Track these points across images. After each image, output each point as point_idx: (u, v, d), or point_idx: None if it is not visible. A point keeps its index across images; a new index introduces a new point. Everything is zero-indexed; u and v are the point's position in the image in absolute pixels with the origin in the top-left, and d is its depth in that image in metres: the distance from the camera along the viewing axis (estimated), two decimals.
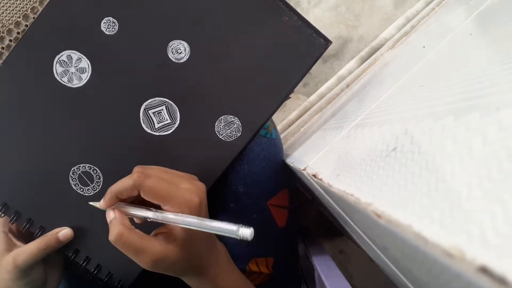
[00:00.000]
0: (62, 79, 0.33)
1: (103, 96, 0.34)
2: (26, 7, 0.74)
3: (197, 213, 0.26)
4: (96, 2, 0.33)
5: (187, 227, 0.26)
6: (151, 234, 0.29)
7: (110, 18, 0.33)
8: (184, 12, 0.34)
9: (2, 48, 0.75)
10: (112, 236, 0.26)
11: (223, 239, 0.35)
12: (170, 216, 0.26)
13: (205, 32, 0.34)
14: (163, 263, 0.26)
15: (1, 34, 0.74)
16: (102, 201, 0.28)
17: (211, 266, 0.31)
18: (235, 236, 0.24)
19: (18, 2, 0.74)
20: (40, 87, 0.33)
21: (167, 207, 0.27)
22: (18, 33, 0.74)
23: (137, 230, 0.26)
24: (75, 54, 0.33)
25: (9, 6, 0.74)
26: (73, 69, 0.33)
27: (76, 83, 0.33)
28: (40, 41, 0.33)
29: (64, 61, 0.33)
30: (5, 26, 0.74)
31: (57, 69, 0.33)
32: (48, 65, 0.33)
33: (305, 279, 0.47)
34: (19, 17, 0.74)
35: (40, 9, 0.74)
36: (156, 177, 0.27)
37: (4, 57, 0.76)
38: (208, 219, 0.26)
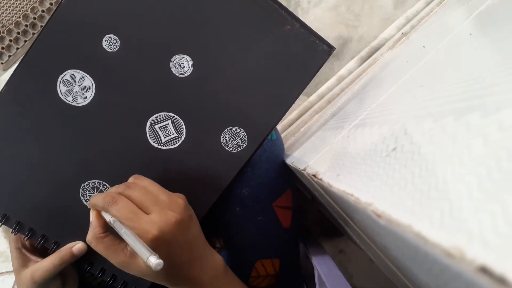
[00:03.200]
0: (67, 98, 0.34)
1: (108, 113, 0.34)
2: (26, 7, 0.74)
3: (151, 244, 0.26)
4: (96, 19, 0.33)
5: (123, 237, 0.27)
6: None
7: (111, 35, 0.33)
8: (186, 26, 0.33)
9: (2, 48, 0.75)
10: (86, 238, 0.30)
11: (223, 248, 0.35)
12: (116, 225, 0.28)
13: (207, 45, 0.34)
14: (129, 270, 0.29)
15: (1, 34, 0.74)
16: (88, 203, 0.31)
17: (203, 279, 0.30)
18: (146, 261, 0.25)
19: (18, 2, 0.74)
20: (45, 107, 0.33)
21: None
22: (18, 33, 0.74)
23: (106, 239, 0.29)
24: (78, 73, 0.33)
25: (9, 6, 0.74)
26: (77, 88, 0.33)
27: (81, 102, 0.34)
28: (43, 61, 0.33)
29: (68, 80, 0.33)
30: (5, 26, 0.74)
31: (61, 88, 0.33)
32: (52, 85, 0.33)
33: (305, 279, 0.47)
34: (19, 17, 0.74)
35: (40, 9, 0.74)
36: (122, 204, 0.28)
37: (4, 57, 0.76)
38: (138, 241, 0.26)
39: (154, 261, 0.24)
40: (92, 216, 0.30)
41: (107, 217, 0.29)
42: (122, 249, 0.29)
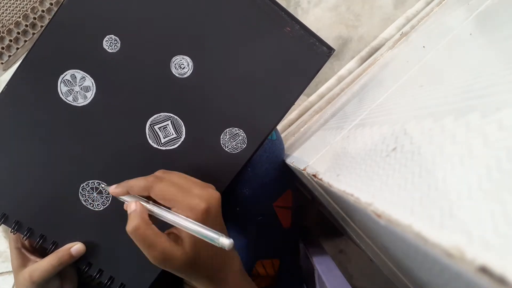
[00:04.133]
0: (67, 98, 0.34)
1: (108, 113, 0.34)
2: (26, 7, 0.74)
3: (201, 217, 0.26)
4: (97, 20, 0.33)
5: (178, 226, 0.27)
6: (165, 232, 0.29)
7: (112, 36, 0.33)
8: (186, 27, 0.34)
9: (2, 48, 0.75)
10: (129, 227, 0.27)
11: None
12: (165, 214, 0.27)
13: (207, 46, 0.34)
14: (170, 262, 0.27)
15: (1, 34, 0.74)
16: (114, 187, 0.29)
17: (224, 277, 0.30)
18: (216, 244, 0.25)
19: (18, 2, 0.74)
20: (45, 107, 0.33)
21: (174, 209, 0.27)
22: (18, 33, 0.74)
23: (153, 226, 0.27)
24: (78, 73, 0.33)
25: (9, 6, 0.74)
26: (77, 88, 0.33)
27: (81, 102, 0.34)
28: (44, 61, 0.33)
29: (68, 80, 0.33)
30: (5, 26, 0.74)
31: (62, 88, 0.33)
32: (53, 85, 0.33)
33: (305, 279, 0.47)
34: (19, 17, 0.74)
35: (40, 9, 0.74)
36: (167, 182, 0.28)
37: (4, 57, 0.76)
38: (195, 223, 0.26)
39: (227, 241, 0.24)
40: (135, 204, 0.28)
41: (151, 207, 0.28)
42: (164, 235, 0.27)
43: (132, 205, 0.28)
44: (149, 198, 0.29)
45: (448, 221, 0.12)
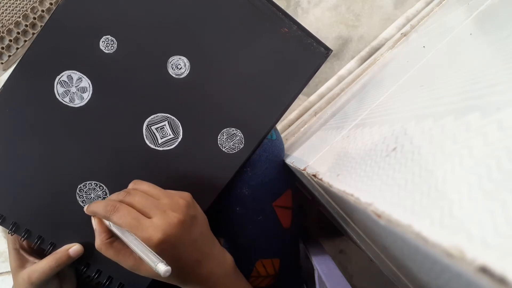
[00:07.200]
0: (64, 99, 0.34)
1: (105, 114, 0.34)
2: (26, 7, 0.74)
3: (157, 248, 0.26)
4: (94, 21, 0.33)
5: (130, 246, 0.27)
6: None
7: (109, 36, 0.33)
8: (183, 28, 0.34)
9: (2, 48, 0.75)
10: (95, 245, 0.30)
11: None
12: (118, 233, 0.28)
13: (204, 46, 0.34)
14: (140, 273, 0.29)
15: (1, 34, 0.74)
16: (85, 207, 0.31)
17: (215, 282, 0.31)
18: (154, 268, 0.25)
19: (18, 2, 0.74)
20: (42, 108, 0.33)
21: None
22: (18, 33, 0.74)
23: (115, 243, 0.29)
24: (75, 74, 0.33)
25: (9, 6, 0.74)
26: (74, 89, 0.33)
27: (77, 103, 0.34)
28: (40, 62, 0.33)
29: (65, 81, 0.33)
30: (5, 26, 0.74)
31: (58, 89, 0.33)
32: (49, 86, 0.33)
33: (305, 279, 0.47)
34: (19, 17, 0.74)
35: (40, 9, 0.74)
36: (124, 212, 0.28)
37: (4, 57, 0.76)
38: (144, 249, 0.26)
39: (162, 268, 0.24)
40: (95, 223, 0.30)
41: (106, 222, 0.29)
42: (131, 252, 0.29)
43: (93, 223, 0.31)
44: None
45: (448, 221, 0.12)
